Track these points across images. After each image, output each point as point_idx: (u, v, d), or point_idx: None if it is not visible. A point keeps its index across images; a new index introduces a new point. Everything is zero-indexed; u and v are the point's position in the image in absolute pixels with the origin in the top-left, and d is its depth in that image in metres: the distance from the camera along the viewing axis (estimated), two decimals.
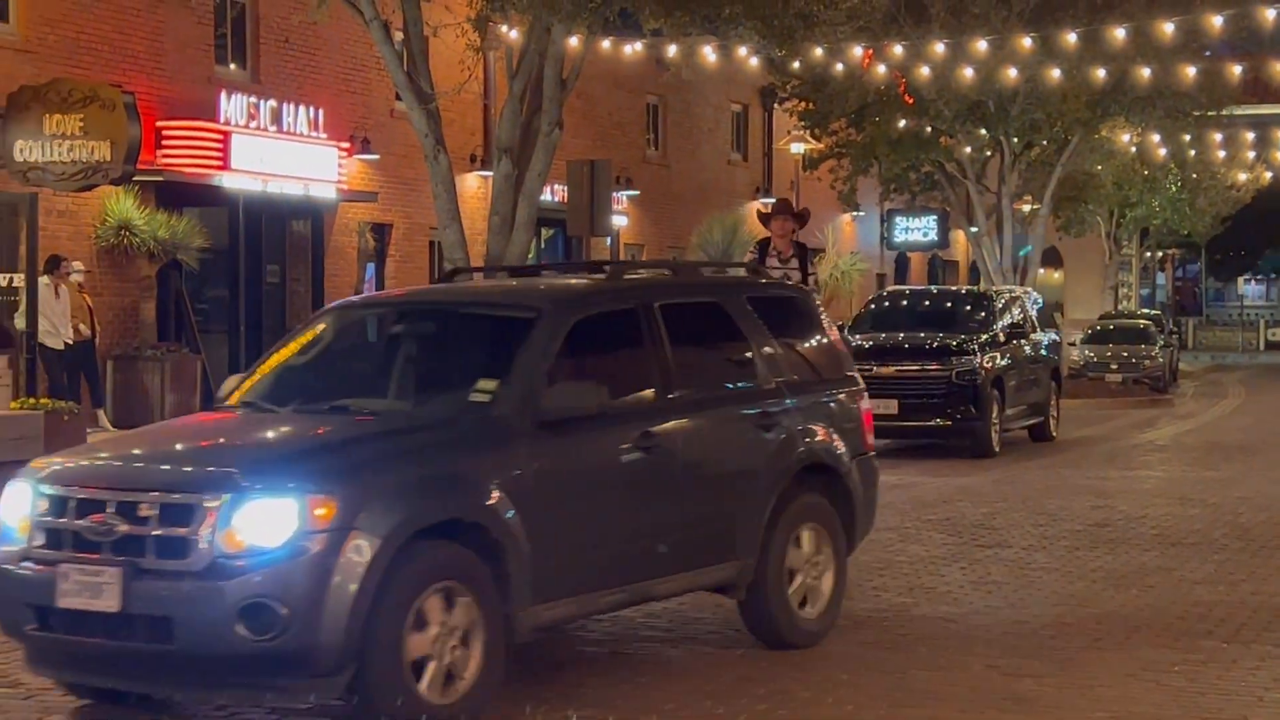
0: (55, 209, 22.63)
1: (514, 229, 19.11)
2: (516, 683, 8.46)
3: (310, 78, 27.03)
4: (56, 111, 21.18)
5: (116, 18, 23.01)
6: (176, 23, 24.26)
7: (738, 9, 18.66)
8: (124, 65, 23.26)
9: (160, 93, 23.64)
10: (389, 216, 29.28)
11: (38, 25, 22.37)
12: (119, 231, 23.23)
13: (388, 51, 19.04)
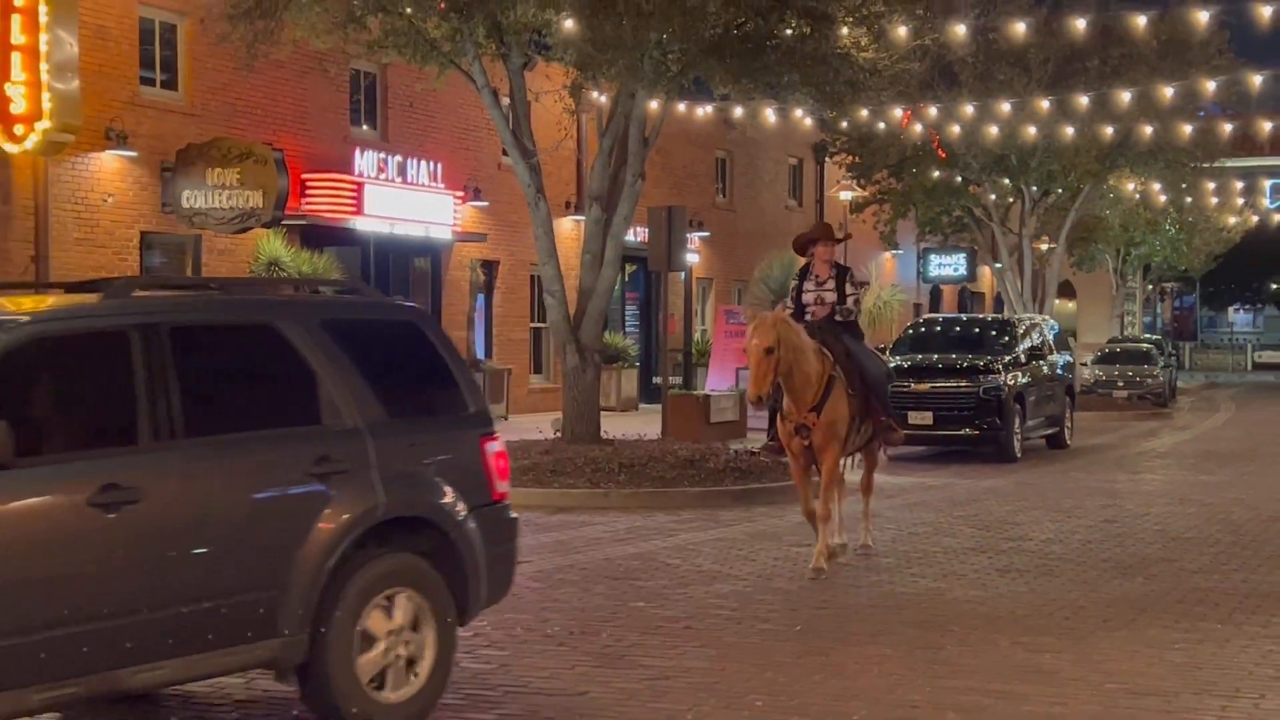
0: (216, 248, 22.92)
1: (603, 265, 19.16)
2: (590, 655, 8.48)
3: (430, 136, 27.21)
4: (217, 166, 21.50)
5: (268, 86, 23.25)
6: (319, 90, 24.50)
7: (795, 77, 18.64)
8: (274, 126, 23.51)
9: (304, 150, 23.87)
10: (496, 254, 29.41)
11: (202, 93, 22.65)
12: (269, 267, 23.43)
13: (496, 114, 19.15)
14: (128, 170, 21.42)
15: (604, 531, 14.02)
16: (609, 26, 16.72)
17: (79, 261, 20.66)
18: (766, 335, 11.13)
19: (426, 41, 18.59)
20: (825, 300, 12.40)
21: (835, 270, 12.61)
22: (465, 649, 8.60)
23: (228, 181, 21.45)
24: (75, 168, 20.54)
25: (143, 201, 21.69)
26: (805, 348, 11.48)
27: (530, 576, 11.19)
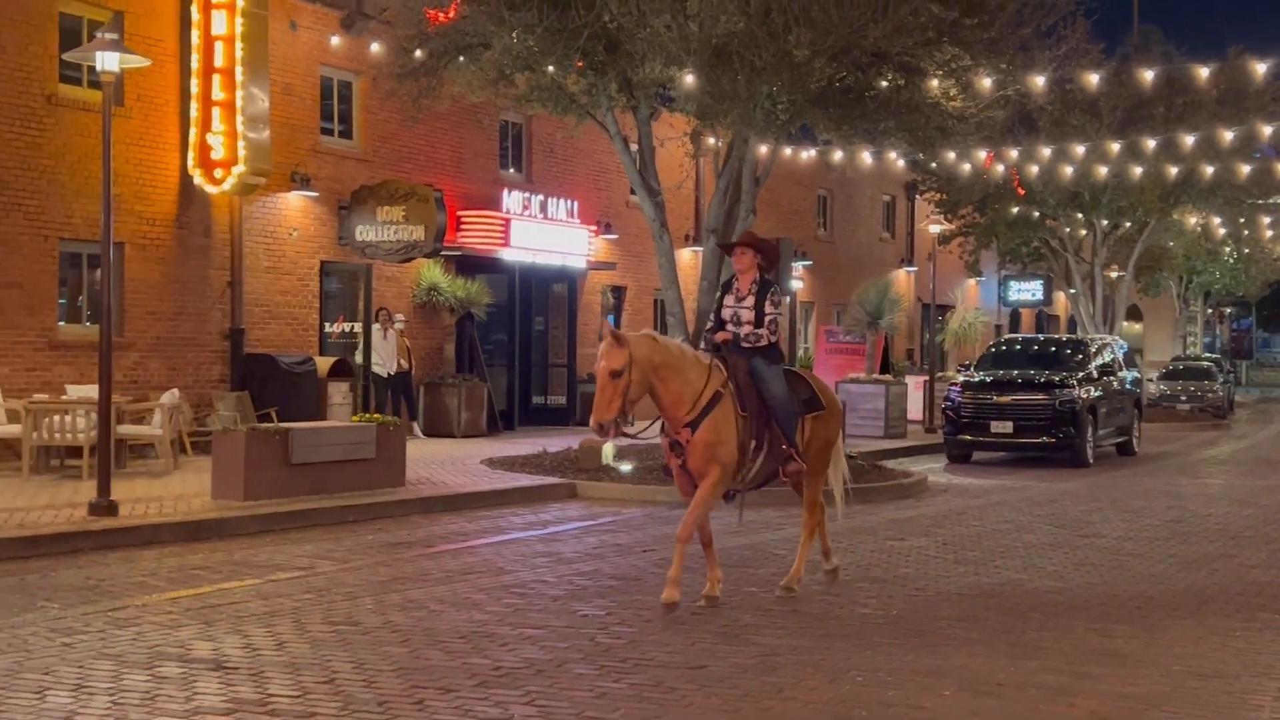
0: (384, 275, 23.26)
1: (717, 290, 19.16)
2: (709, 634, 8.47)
3: (568, 178, 27.40)
4: (386, 204, 21.84)
5: (429, 135, 23.58)
6: (473, 138, 24.78)
7: (890, 124, 18.52)
8: (434, 169, 23.83)
9: (460, 189, 24.15)
10: (624, 281, 29.52)
11: (373, 141, 23.02)
12: (429, 292, 23.79)
13: (626, 159, 19.25)
14: (310, 208, 21.83)
15: (718, 525, 13.84)
16: (725, 81, 16.75)
17: (267, 286, 21.10)
18: (614, 357, 8.88)
19: (567, 96, 18.77)
20: (742, 319, 9.77)
21: (757, 285, 9.82)
22: (598, 625, 8.66)
23: (394, 218, 21.78)
24: (265, 206, 20.98)
25: (322, 235, 22.08)
26: (676, 364, 9.15)
27: (655, 563, 11.21)
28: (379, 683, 7.09)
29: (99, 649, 7.77)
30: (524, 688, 7.04)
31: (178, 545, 11.99)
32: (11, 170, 17.38)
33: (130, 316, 18.80)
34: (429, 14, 17.97)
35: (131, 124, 18.49)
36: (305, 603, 9.31)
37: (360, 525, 13.53)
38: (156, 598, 9.49)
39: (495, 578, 10.53)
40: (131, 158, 18.59)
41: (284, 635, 8.23)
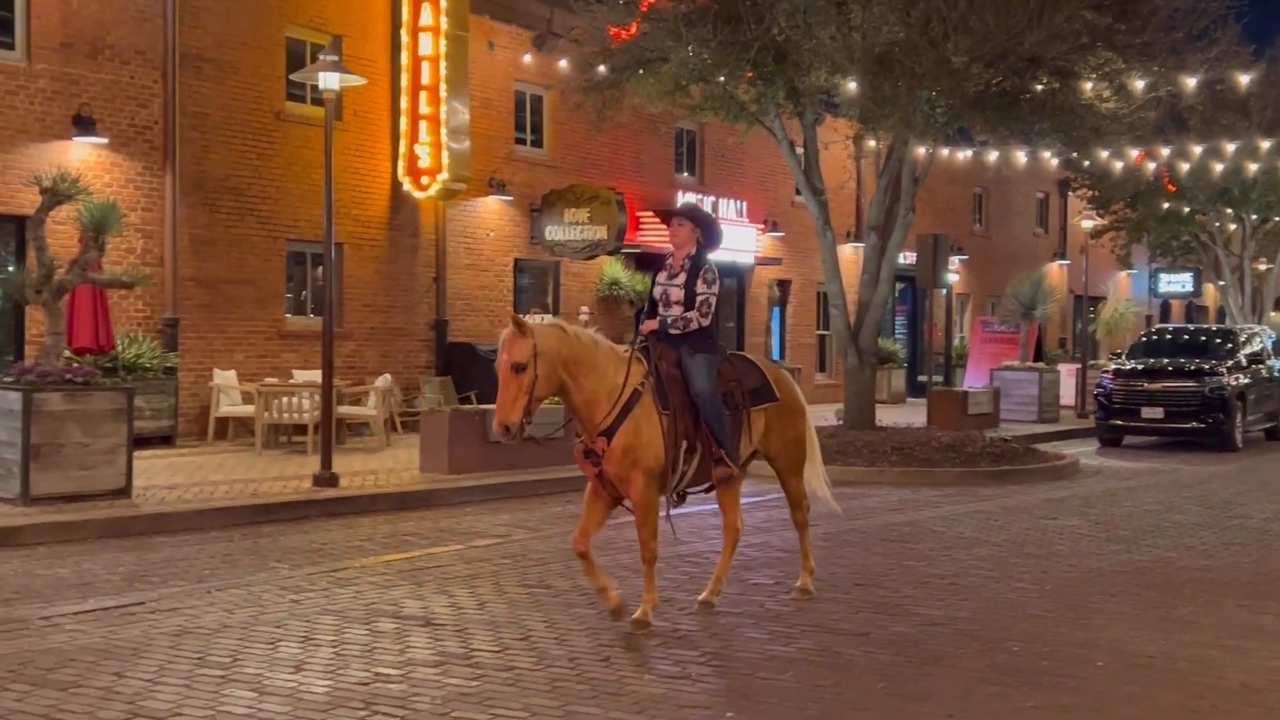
0: (570, 271, 23.54)
1: (878, 283, 18.93)
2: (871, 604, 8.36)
3: (737, 180, 27.33)
4: (572, 206, 22.08)
5: (612, 143, 23.76)
6: (650, 145, 24.90)
7: (1045, 125, 18.05)
8: (616, 174, 24.01)
9: (639, 192, 24.28)
10: (789, 275, 29.34)
11: (561, 149, 23.31)
12: (611, 286, 23.99)
13: (792, 161, 19.12)
14: (505, 211, 22.20)
15: (879, 503, 13.85)
16: (887, 87, 16.52)
17: (467, 282, 21.53)
18: (517, 348, 7.01)
19: (737, 104, 18.72)
20: (671, 299, 7.84)
21: (690, 262, 7.86)
22: (768, 594, 8.65)
23: (580, 219, 22.02)
24: (465, 209, 21.41)
25: (516, 235, 22.45)
26: (589, 358, 7.32)
27: (820, 537, 11.14)
28: (569, 640, 7.21)
29: (323, 605, 8.04)
30: (700, 648, 7.08)
31: (390, 514, 12.34)
32: (246, 179, 18.07)
33: (348, 309, 19.38)
34: (612, 32, 18.10)
35: (349, 137, 19.05)
36: (503, 567, 9.50)
37: (550, 498, 13.72)
38: (372, 560, 9.77)
39: (672, 548, 10.55)
40: (349, 167, 19.15)
41: (484, 596, 8.42)
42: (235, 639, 7.08)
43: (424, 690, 6.11)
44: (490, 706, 5.87)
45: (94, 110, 16.17)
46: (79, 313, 14.76)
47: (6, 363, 14.65)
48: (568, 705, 5.92)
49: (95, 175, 15.89)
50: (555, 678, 6.39)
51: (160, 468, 13.96)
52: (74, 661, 6.53)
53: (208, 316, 17.63)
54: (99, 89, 16.31)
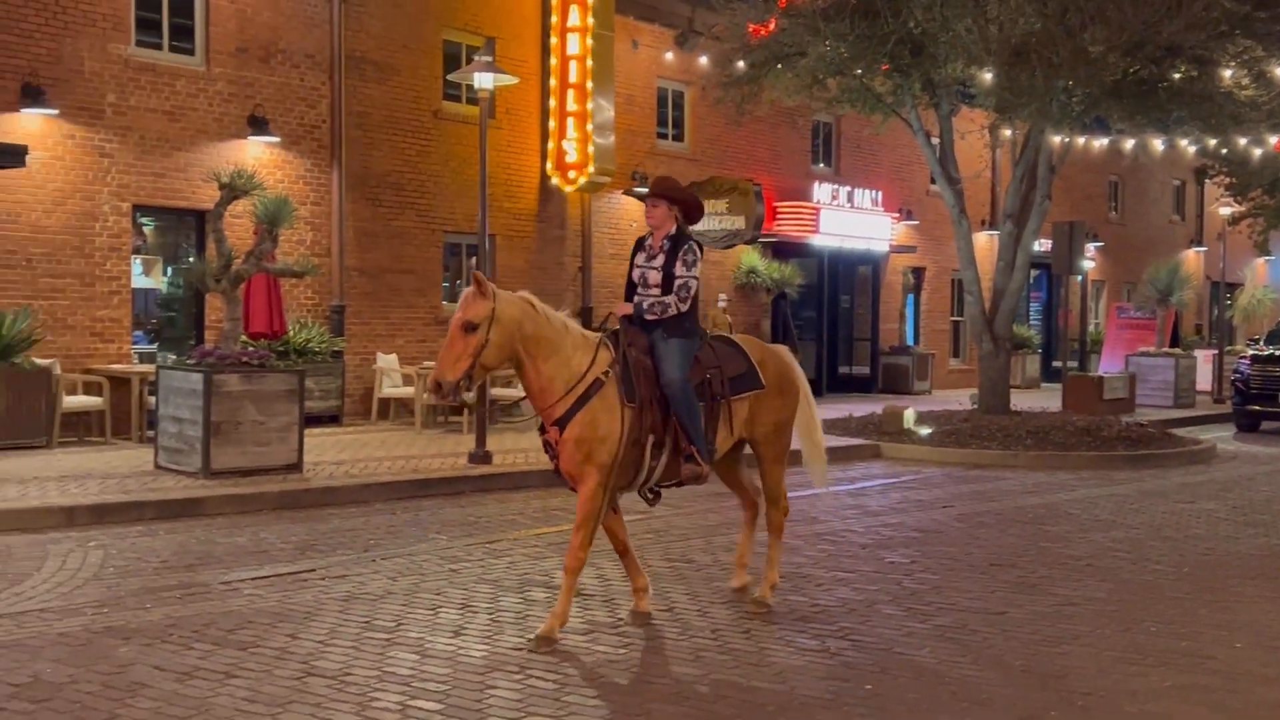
0: (709, 259, 23.46)
1: (1014, 270, 18.52)
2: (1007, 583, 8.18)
3: (872, 170, 26.96)
4: (711, 197, 22.03)
5: (750, 136, 23.65)
6: (787, 138, 24.71)
7: (1182, 113, 17.45)
8: (754, 166, 23.88)
9: (776, 183, 24.13)
10: (923, 262, 28.85)
11: (701, 143, 23.27)
12: (748, 274, 23.89)
13: (928, 151, 18.79)
14: None
15: (1014, 485, 13.56)
16: (1023, 77, 16.12)
17: (611, 271, 21.64)
18: (473, 307, 6.30)
19: (874, 96, 18.48)
20: (650, 282, 6.97)
21: (669, 242, 6.98)
22: (904, 572, 8.54)
23: (719, 209, 21.97)
24: (610, 201, 21.52)
25: None
26: (552, 340, 6.52)
27: (955, 518, 10.98)
28: (711, 613, 7.21)
29: (479, 574, 8.19)
30: (838, 623, 7.03)
31: (540, 490, 12.49)
32: (406, 175, 18.43)
33: None
34: (751, 29, 18.01)
35: (501, 134, 19.29)
36: (646, 542, 9.54)
37: None
38: (525, 533, 9.91)
39: (809, 526, 10.52)
40: (501, 162, 19.40)
41: None
42: (399, 605, 7.24)
43: (575, 656, 6.18)
44: (638, 674, 5.91)
45: (267, 111, 16.66)
46: (254, 300, 15.25)
47: (189, 347, 15.21)
48: (711, 674, 5.92)
49: (268, 172, 16.37)
50: (699, 647, 6.41)
51: (328, 445, 14.36)
52: (252, 623, 6.75)
53: (371, 304, 18.05)
54: (271, 91, 16.79)
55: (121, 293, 15.30)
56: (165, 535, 9.40)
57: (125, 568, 8.19)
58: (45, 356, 14.04)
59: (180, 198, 15.83)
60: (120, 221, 15.29)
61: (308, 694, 5.51)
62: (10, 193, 14.31)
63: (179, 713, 5.21)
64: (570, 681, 5.76)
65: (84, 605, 7.11)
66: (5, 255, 14.27)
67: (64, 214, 14.77)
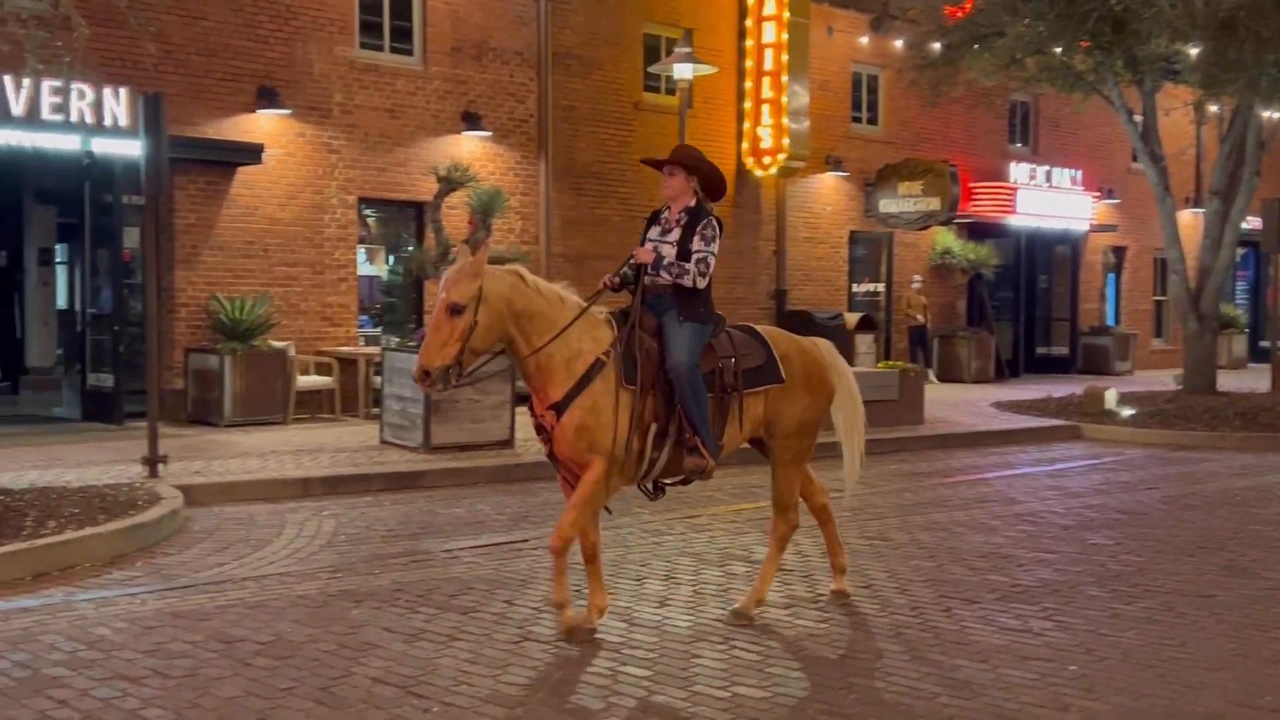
0: (903, 242, 23.07)
1: (1220, 248, 17.59)
2: (1214, 566, 7.79)
3: (1071, 149, 25.94)
4: (906, 180, 21.61)
5: (944, 117, 23.07)
6: (983, 118, 24.00)
7: None
8: (949, 147, 23.29)
9: (971, 164, 23.48)
10: (1124, 241, 27.65)
11: (895, 125, 22.83)
12: (943, 255, 23.35)
13: (1130, 129, 17.99)
14: (841, 186, 21.98)
15: (1221, 467, 12.90)
16: (1231, 52, 15.28)
17: (805, 254, 21.48)
18: (458, 288, 5.63)
19: (1073, 74, 17.79)
20: (663, 255, 6.25)
21: (687, 215, 6.27)
22: (1108, 554, 8.23)
23: (913, 191, 21.53)
24: (804, 186, 21.33)
25: (851, 209, 22.19)
26: (547, 316, 5.87)
27: (1160, 500, 10.52)
28: (910, 590, 7.10)
29: (681, 548, 8.25)
30: (1040, 604, 6.82)
31: (737, 467, 12.40)
32: (608, 165, 18.65)
33: None
34: (947, 10, 17.58)
35: (698, 122, 19.31)
36: (842, 520, 9.39)
37: (885, 456, 13.53)
38: (723, 509, 9.94)
39: (1008, 506, 10.23)
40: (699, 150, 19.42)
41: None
42: (609, 574, 7.35)
43: (776, 629, 6.17)
44: (838, 647, 5.86)
45: (479, 107, 17.08)
46: None
47: (409, 330, 15.75)
48: (913, 651, 5.83)
49: (481, 165, 16.79)
50: (899, 625, 6.31)
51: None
52: (471, 589, 6.96)
53: (575, 288, 18.32)
54: (483, 87, 17.21)
55: (349, 280, 15.95)
56: (390, 505, 9.77)
57: (355, 535, 8.56)
58: (281, 340, 14.75)
59: (401, 190, 16.39)
60: (347, 213, 15.93)
61: (525, 657, 5.66)
62: (249, 188, 15.06)
63: (407, 672, 5.41)
64: (773, 654, 5.75)
65: (319, 570, 7.46)
66: (245, 246, 15.03)
67: (296, 207, 15.47)
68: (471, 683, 5.27)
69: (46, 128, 12.93)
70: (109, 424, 13.57)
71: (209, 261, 14.77)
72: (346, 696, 5.07)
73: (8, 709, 4.83)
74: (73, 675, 5.27)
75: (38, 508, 8.11)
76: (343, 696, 5.07)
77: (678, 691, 5.17)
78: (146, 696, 4.99)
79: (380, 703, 5.00)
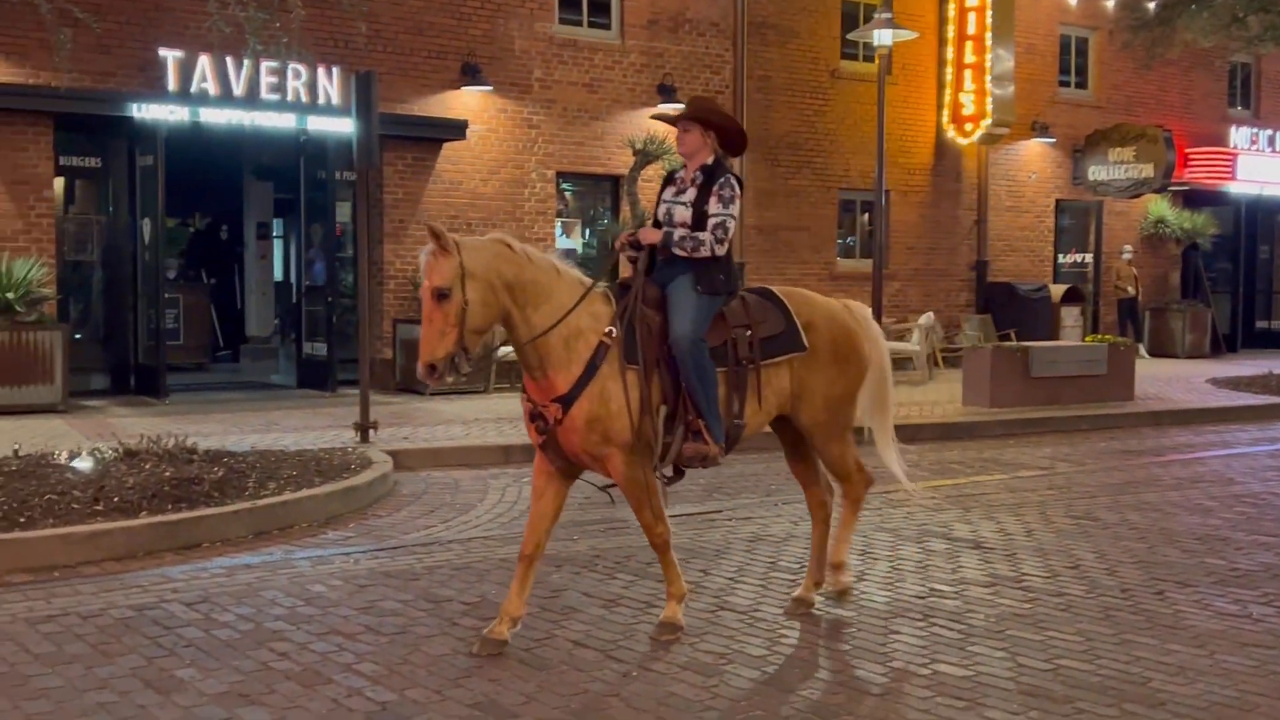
0: (1113, 210, 22.16)
1: None
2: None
3: None
4: (1116, 145, 20.76)
5: (1159, 80, 22.01)
6: (1201, 81, 22.81)
7: None
8: (1163, 112, 22.22)
9: (1187, 129, 22.34)
10: None
11: (1106, 89, 21.90)
12: (1156, 224, 22.34)
13: None
14: (1047, 153, 21.23)
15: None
16: None
17: (1008, 223, 20.85)
18: (437, 270, 5.00)
19: None
20: (676, 220, 5.60)
21: (703, 174, 5.62)
22: None
23: (1125, 158, 20.66)
24: (1007, 153, 20.68)
25: (1057, 176, 21.42)
26: (541, 286, 5.24)
27: None
28: (1120, 572, 6.83)
29: (877, 523, 8.14)
30: (1260, 589, 6.46)
31: (934, 443, 12.26)
32: (803, 134, 18.47)
33: (893, 252, 19.37)
34: None
35: (896, 89, 18.92)
36: (1048, 498, 9.16)
37: (1092, 433, 13.07)
38: (920, 485, 9.73)
39: (1225, 487, 9.74)
40: (896, 118, 19.03)
41: (1031, 524, 8.16)
42: (801, 547, 7.31)
43: (978, 608, 6.03)
44: (1044, 629, 5.69)
45: (674, 79, 17.12)
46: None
47: None
48: (1123, 634, 5.61)
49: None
50: (1108, 607, 6.09)
51: None
52: None
53: (768, 260, 18.26)
54: (678, 60, 17.24)
55: (547, 253, 16.25)
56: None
57: None
58: None
59: (597, 164, 16.59)
60: (546, 187, 16.23)
61: (721, 626, 5.68)
62: (453, 163, 15.49)
63: (607, 636, 5.51)
64: (974, 632, 5.63)
65: (520, 535, 7.64)
66: (449, 220, 15.48)
67: (498, 181, 15.83)
68: (669, 649, 5.33)
69: (264, 106, 13.57)
70: (322, 391, 14.21)
71: (416, 235, 15.27)
72: (549, 658, 5.19)
73: (234, 659, 5.13)
74: (292, 629, 5.55)
75: (258, 470, 8.55)
76: (545, 658, 5.20)
77: (876, 667, 5.12)
78: (361, 652, 5.22)
79: (581, 665, 5.11)
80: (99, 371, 14.22)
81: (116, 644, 5.29)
